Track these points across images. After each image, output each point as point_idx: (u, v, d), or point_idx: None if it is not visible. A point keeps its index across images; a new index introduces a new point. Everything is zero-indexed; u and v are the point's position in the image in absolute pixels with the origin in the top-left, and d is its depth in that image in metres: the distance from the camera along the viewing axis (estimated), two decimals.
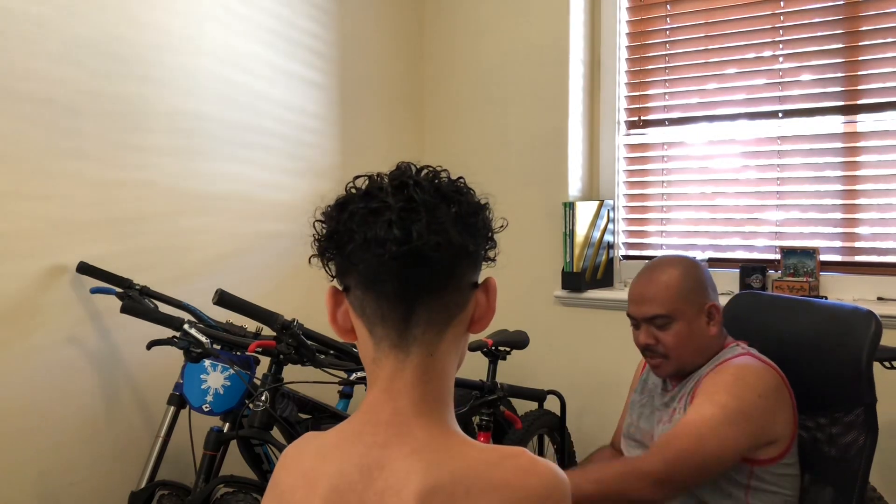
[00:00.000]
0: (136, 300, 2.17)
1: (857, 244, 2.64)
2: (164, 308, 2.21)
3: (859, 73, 2.61)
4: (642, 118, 3.06)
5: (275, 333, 2.00)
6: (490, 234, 0.90)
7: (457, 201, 0.86)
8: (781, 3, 2.75)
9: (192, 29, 2.51)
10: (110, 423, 2.35)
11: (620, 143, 3.09)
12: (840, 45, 2.64)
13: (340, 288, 0.91)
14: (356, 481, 0.84)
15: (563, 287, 3.00)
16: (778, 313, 1.92)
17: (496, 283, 0.92)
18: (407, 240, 0.82)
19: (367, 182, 0.89)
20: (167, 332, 2.11)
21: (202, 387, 2.07)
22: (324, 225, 0.89)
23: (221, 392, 2.06)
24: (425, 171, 0.89)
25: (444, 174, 0.89)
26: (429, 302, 0.86)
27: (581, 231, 2.94)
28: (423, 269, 0.84)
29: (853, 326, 1.72)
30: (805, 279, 2.60)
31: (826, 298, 2.59)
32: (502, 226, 0.93)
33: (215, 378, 2.07)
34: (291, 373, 2.09)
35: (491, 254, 0.92)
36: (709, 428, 1.56)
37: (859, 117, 2.62)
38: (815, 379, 1.72)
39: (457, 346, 0.91)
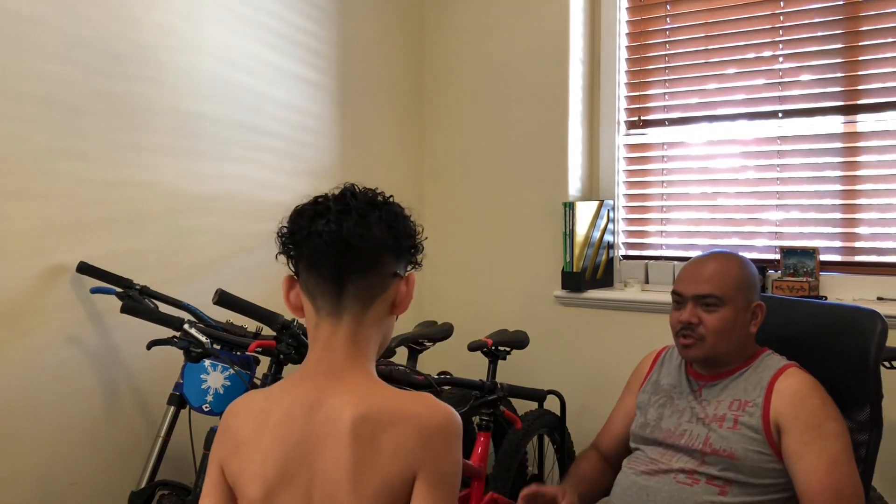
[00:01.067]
0: (136, 300, 2.17)
1: (857, 244, 2.64)
2: (164, 308, 2.21)
3: (859, 73, 2.61)
4: (642, 118, 3.06)
5: (275, 333, 2.00)
6: (412, 237, 1.17)
7: (383, 209, 1.14)
8: (781, 3, 2.75)
9: (192, 29, 2.51)
10: (110, 423, 2.35)
11: (620, 143, 3.09)
12: (840, 45, 2.64)
13: (294, 275, 1.20)
14: (299, 415, 1.11)
15: (563, 287, 3.00)
16: (783, 315, 1.93)
17: (416, 278, 1.20)
18: (339, 232, 1.10)
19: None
20: (167, 332, 2.11)
21: (202, 387, 2.07)
22: (285, 227, 1.19)
23: (221, 392, 2.06)
24: (364, 189, 1.18)
25: (380, 193, 1.18)
26: (356, 281, 1.13)
27: (581, 231, 2.95)
28: (350, 255, 1.11)
29: (860, 326, 1.75)
30: (805, 279, 2.60)
31: (826, 298, 2.59)
32: (425, 236, 1.21)
33: (215, 378, 2.07)
34: (291, 373, 2.08)
35: (418, 257, 1.20)
36: (849, 464, 1.62)
37: (859, 117, 2.62)
38: (824, 381, 1.73)
39: (379, 321, 1.17)
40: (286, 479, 1.09)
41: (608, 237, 3.06)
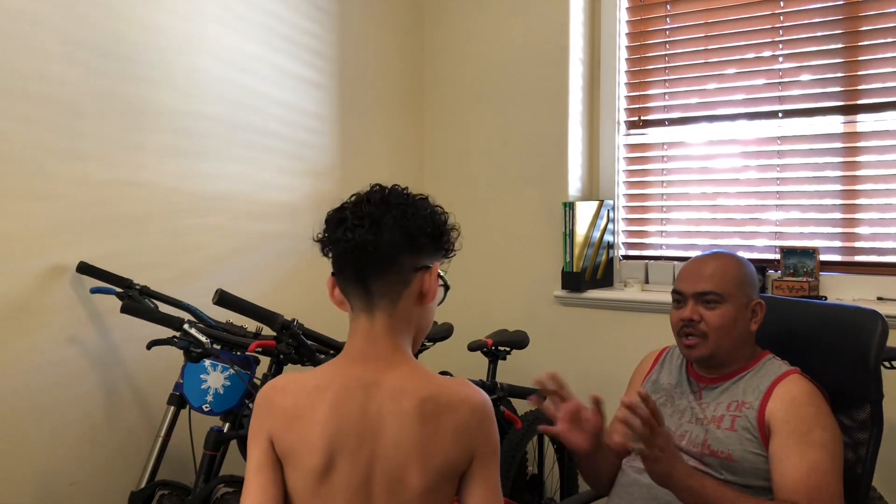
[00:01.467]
0: (136, 300, 2.17)
1: (857, 244, 2.64)
2: (164, 308, 2.21)
3: (859, 73, 2.61)
4: (642, 118, 3.06)
5: (275, 333, 2.00)
6: (428, 232, 1.23)
7: (396, 210, 1.22)
8: (781, 3, 2.74)
9: (192, 29, 2.51)
10: (110, 423, 2.35)
11: (620, 143, 3.09)
12: (840, 45, 2.63)
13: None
14: (358, 392, 1.20)
15: (563, 287, 3.00)
16: (783, 315, 1.93)
17: (438, 268, 1.27)
18: (353, 240, 1.20)
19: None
20: (167, 332, 2.11)
21: (202, 387, 2.07)
22: (319, 234, 1.27)
23: (221, 392, 2.06)
24: (387, 189, 1.25)
25: (401, 192, 1.26)
26: (377, 280, 1.22)
27: (581, 231, 2.94)
28: (366, 259, 1.21)
29: (861, 326, 1.75)
30: (805, 279, 2.59)
31: (826, 298, 2.59)
32: (455, 227, 1.30)
33: (215, 378, 2.07)
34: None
35: (450, 244, 1.27)
36: (831, 473, 1.59)
37: (859, 117, 2.61)
38: (824, 381, 1.73)
39: (410, 313, 1.25)
40: (347, 451, 1.18)
41: (608, 237, 3.06)
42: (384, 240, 1.20)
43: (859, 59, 2.61)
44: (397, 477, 1.16)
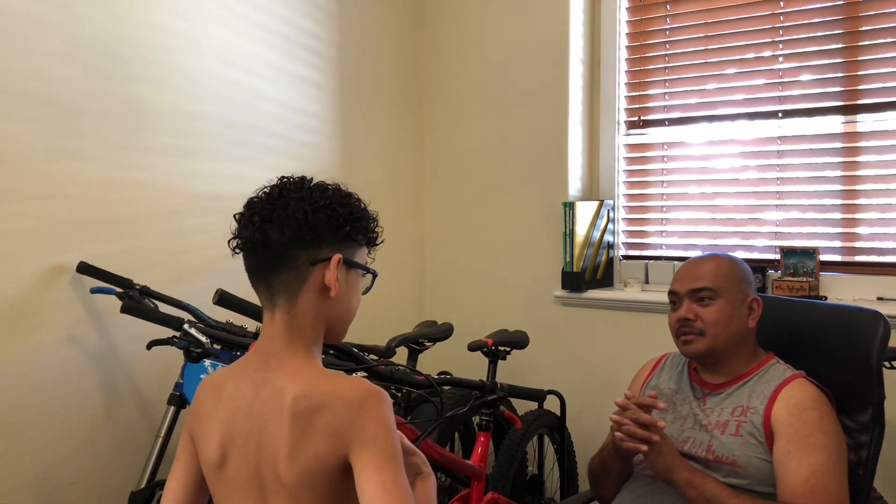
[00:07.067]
0: (136, 300, 2.17)
1: (857, 244, 2.64)
2: (164, 308, 2.21)
3: (859, 73, 2.61)
4: (642, 118, 3.06)
5: None
6: (318, 227, 1.22)
7: (294, 204, 1.24)
8: (781, 3, 2.75)
9: (192, 29, 2.51)
10: (110, 423, 2.35)
11: (620, 143, 3.09)
12: (840, 45, 2.64)
13: None
14: (247, 392, 1.23)
15: (563, 287, 3.00)
16: (784, 316, 1.93)
17: (339, 258, 1.23)
18: (246, 241, 1.24)
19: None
20: (167, 332, 2.11)
21: None
22: None
23: None
24: (285, 182, 1.31)
25: (290, 185, 1.30)
26: (274, 277, 1.23)
27: (581, 231, 2.95)
28: (259, 258, 1.23)
29: (863, 327, 1.75)
30: (805, 279, 2.60)
31: (826, 298, 2.59)
32: (372, 215, 1.31)
33: None
34: None
35: (356, 236, 1.26)
36: (832, 476, 1.59)
37: (859, 117, 2.62)
38: (826, 382, 1.73)
39: (314, 308, 1.24)
40: (237, 446, 1.23)
41: (608, 237, 3.06)
42: (274, 237, 1.21)
43: (859, 59, 2.61)
44: (276, 471, 1.18)
